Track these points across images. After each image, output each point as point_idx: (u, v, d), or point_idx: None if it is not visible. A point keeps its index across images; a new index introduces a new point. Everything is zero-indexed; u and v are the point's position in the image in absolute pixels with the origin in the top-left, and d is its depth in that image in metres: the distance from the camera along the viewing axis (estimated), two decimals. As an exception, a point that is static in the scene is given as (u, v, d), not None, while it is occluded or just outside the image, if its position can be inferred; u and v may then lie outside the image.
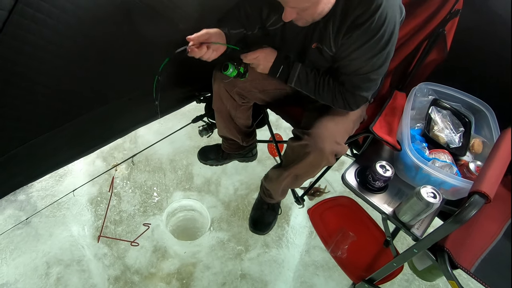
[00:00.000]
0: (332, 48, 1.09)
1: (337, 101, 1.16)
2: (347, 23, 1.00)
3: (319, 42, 1.10)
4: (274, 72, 1.17)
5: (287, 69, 1.16)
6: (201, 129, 1.78)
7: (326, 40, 1.07)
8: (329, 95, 1.16)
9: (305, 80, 1.16)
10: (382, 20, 0.96)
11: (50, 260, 1.57)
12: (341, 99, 1.15)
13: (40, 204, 1.73)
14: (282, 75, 1.17)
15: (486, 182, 0.88)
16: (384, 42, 1.01)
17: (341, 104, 1.16)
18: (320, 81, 1.15)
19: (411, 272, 1.54)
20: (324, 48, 1.10)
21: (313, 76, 1.15)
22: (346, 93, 1.14)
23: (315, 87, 1.16)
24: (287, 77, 1.17)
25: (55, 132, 1.34)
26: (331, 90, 1.15)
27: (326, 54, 1.12)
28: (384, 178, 1.10)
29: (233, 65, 1.19)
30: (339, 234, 1.58)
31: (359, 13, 0.96)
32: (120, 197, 1.81)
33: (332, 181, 1.93)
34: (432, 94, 1.35)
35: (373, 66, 1.06)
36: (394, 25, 1.00)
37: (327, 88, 1.15)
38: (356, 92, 1.13)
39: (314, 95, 1.18)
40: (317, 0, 0.93)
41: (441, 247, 1.06)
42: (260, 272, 1.60)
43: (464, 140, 1.25)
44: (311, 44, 1.12)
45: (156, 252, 1.63)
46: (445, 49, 1.30)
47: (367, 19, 0.96)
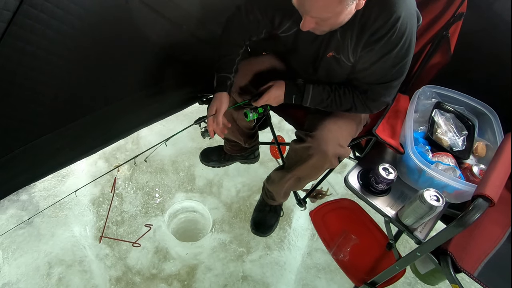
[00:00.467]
0: (350, 58, 1.09)
1: (357, 109, 1.17)
2: (366, 35, 0.99)
3: (336, 51, 1.10)
4: (288, 102, 1.21)
5: (300, 94, 1.18)
6: (203, 131, 1.77)
7: (344, 50, 1.07)
8: (347, 105, 1.17)
9: (320, 99, 1.17)
10: (402, 31, 0.96)
11: (52, 260, 1.57)
12: (361, 106, 1.16)
13: (42, 204, 1.74)
14: (296, 101, 1.20)
15: (490, 186, 0.88)
16: (405, 52, 1.01)
17: (362, 110, 1.18)
18: (336, 95, 1.16)
19: (414, 276, 1.54)
20: (342, 58, 1.10)
21: (327, 93, 1.17)
22: (367, 100, 1.14)
23: (332, 102, 1.17)
24: (301, 101, 1.19)
25: (57, 132, 1.34)
26: (349, 101, 1.16)
27: (344, 64, 1.12)
28: (387, 180, 1.10)
29: (250, 111, 1.28)
30: (341, 237, 1.57)
31: (379, 25, 0.96)
32: (122, 198, 1.81)
33: (334, 184, 1.93)
34: (435, 97, 1.34)
35: (395, 75, 1.07)
36: (413, 33, 1.00)
37: (344, 100, 1.16)
38: (379, 99, 1.13)
39: (332, 108, 1.19)
40: (339, 11, 0.90)
41: (444, 250, 1.05)
42: (261, 274, 1.60)
43: (467, 143, 1.24)
44: (327, 52, 1.12)
45: (157, 253, 1.63)
46: (449, 52, 1.30)
47: (388, 31, 0.95)
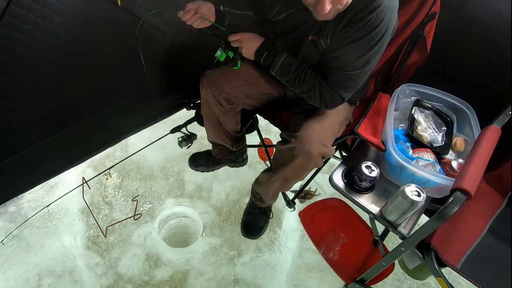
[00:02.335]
0: (327, 41, 1.10)
1: (314, 95, 1.16)
2: (347, 17, 1.01)
3: (317, 34, 1.12)
4: (258, 56, 1.17)
5: (272, 55, 1.15)
6: (180, 140, 1.79)
7: (324, 33, 1.09)
8: (308, 87, 1.15)
9: (287, 70, 1.16)
10: (380, 19, 0.98)
11: (41, 271, 1.56)
12: (318, 93, 1.15)
13: (31, 215, 1.72)
14: (266, 60, 1.16)
15: (467, 179, 0.90)
16: (375, 42, 1.03)
17: (317, 99, 1.17)
18: (302, 72, 1.15)
19: (403, 272, 1.56)
20: (320, 41, 1.11)
21: (295, 67, 1.15)
22: (325, 88, 1.14)
23: (296, 77, 1.15)
24: (270, 63, 1.16)
25: (45, 142, 1.34)
26: (311, 83, 1.15)
27: (320, 47, 1.13)
28: (370, 178, 1.12)
29: (222, 49, 1.19)
30: (331, 236, 1.59)
31: (360, 8, 0.98)
32: (112, 206, 1.81)
33: (322, 184, 1.95)
34: (414, 95, 1.38)
35: (358, 65, 1.08)
36: (387, 28, 1.02)
37: (307, 80, 1.15)
38: (335, 89, 1.14)
39: (293, 85, 1.18)
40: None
41: (427, 244, 1.07)
42: (253, 276, 1.61)
43: (446, 139, 1.28)
44: (308, 36, 1.14)
45: (148, 260, 1.63)
46: (425, 51, 1.33)
47: (367, 14, 0.98)
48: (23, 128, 1.24)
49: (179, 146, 1.78)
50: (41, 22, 0.99)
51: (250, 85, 1.36)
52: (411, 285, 1.63)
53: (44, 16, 0.98)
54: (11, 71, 1.04)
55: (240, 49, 1.18)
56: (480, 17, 1.27)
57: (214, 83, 1.32)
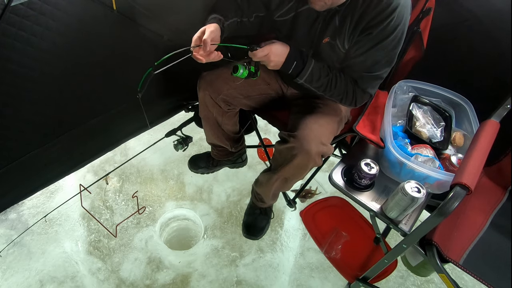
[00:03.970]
0: (345, 45, 1.08)
1: (347, 99, 1.15)
2: (365, 20, 1.00)
3: (332, 37, 1.09)
4: (287, 67, 1.09)
5: (302, 64, 1.09)
6: (176, 143, 1.79)
7: (341, 35, 1.07)
8: (340, 91, 1.13)
9: (318, 76, 1.11)
10: (399, 20, 0.99)
11: (43, 278, 1.55)
12: (351, 96, 1.14)
13: (32, 222, 1.72)
14: (295, 70, 1.10)
15: (467, 174, 0.90)
16: (397, 41, 1.03)
17: (349, 101, 1.16)
18: (334, 77, 1.12)
19: (406, 269, 1.56)
20: (337, 43, 1.09)
21: (326, 72, 1.11)
22: (357, 90, 1.14)
23: (328, 82, 1.12)
24: (299, 72, 1.10)
25: (44, 148, 1.34)
26: (343, 87, 1.12)
27: (339, 51, 1.11)
28: (369, 175, 1.12)
29: (243, 66, 1.11)
30: (332, 235, 1.59)
31: (378, 11, 0.97)
32: (113, 210, 1.81)
33: (322, 182, 1.95)
34: (412, 91, 1.38)
35: (386, 64, 1.08)
36: (406, 24, 1.03)
37: (339, 84, 1.12)
38: (367, 90, 1.14)
39: (324, 90, 1.13)
40: None
41: (429, 241, 1.07)
42: (255, 277, 1.60)
43: (445, 134, 1.28)
44: (323, 38, 1.11)
45: (150, 263, 1.62)
46: (422, 47, 1.34)
47: (386, 18, 0.97)
48: (22, 135, 1.24)
49: (175, 150, 1.78)
50: (37, 29, 0.99)
51: (247, 86, 1.36)
52: (415, 282, 1.62)
53: (40, 22, 0.98)
54: (8, 78, 1.04)
55: (267, 63, 1.09)
56: (475, 11, 1.27)
57: (211, 85, 1.32)
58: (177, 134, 1.82)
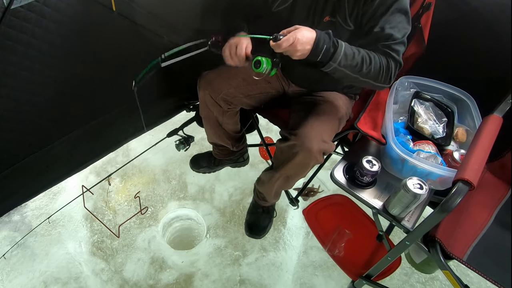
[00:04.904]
0: (347, 21, 1.04)
1: (384, 73, 1.01)
2: None
3: (332, 15, 1.05)
4: (315, 55, 0.97)
5: (333, 46, 0.97)
6: (177, 143, 1.80)
7: (341, 11, 1.03)
8: (377, 66, 1.00)
9: (352, 55, 0.98)
10: None
11: (47, 279, 1.56)
12: (387, 68, 1.01)
13: (35, 224, 1.73)
14: (325, 56, 0.97)
15: (469, 170, 0.90)
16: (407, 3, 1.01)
17: (386, 75, 1.02)
18: (365, 52, 0.99)
19: (410, 266, 1.55)
20: (339, 20, 1.05)
21: (357, 49, 0.99)
22: (391, 61, 1.01)
23: (362, 59, 0.98)
24: (331, 56, 0.97)
25: (45, 150, 1.35)
26: (378, 60, 1.00)
27: (341, 28, 1.07)
28: (371, 173, 1.11)
29: (266, 59, 1.02)
30: (335, 233, 1.59)
31: None
32: (115, 210, 1.81)
33: (325, 180, 1.94)
34: (413, 87, 1.37)
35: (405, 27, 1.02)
36: None
37: (374, 59, 1.00)
38: (398, 58, 1.02)
39: (360, 71, 1.00)
40: None
41: (432, 237, 1.07)
42: (259, 276, 1.60)
43: (447, 130, 1.27)
44: (323, 17, 1.07)
45: (153, 263, 1.63)
46: (423, 42, 1.32)
47: None
48: (24, 137, 1.25)
49: (177, 149, 1.78)
50: (38, 31, 0.99)
51: (247, 85, 1.36)
52: (419, 279, 1.62)
53: (40, 25, 0.99)
54: (9, 80, 1.04)
55: (292, 53, 0.97)
56: (476, 5, 1.26)
57: (211, 84, 1.32)
58: (178, 134, 1.82)
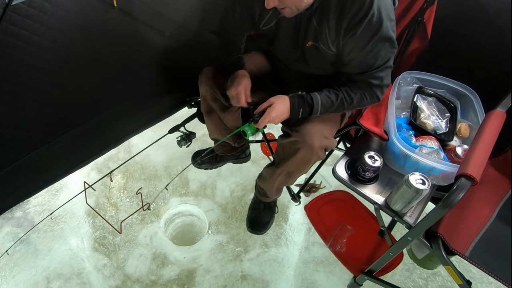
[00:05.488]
0: (330, 47, 1.07)
1: (367, 101, 1.11)
2: (345, 21, 0.98)
3: (315, 40, 1.09)
4: (295, 117, 1.12)
5: (308, 106, 1.10)
6: (179, 140, 1.79)
7: (323, 38, 1.06)
8: (358, 100, 1.10)
9: (330, 103, 1.10)
10: (380, 13, 0.96)
11: (50, 275, 1.57)
12: (370, 95, 1.10)
13: (37, 220, 1.74)
14: (304, 114, 1.12)
15: (472, 165, 0.89)
16: (390, 30, 1.01)
17: (371, 101, 1.12)
18: (344, 93, 1.10)
19: (412, 262, 1.55)
20: (321, 46, 1.08)
21: (335, 95, 1.10)
22: (374, 88, 1.09)
23: (342, 102, 1.10)
24: (310, 113, 1.11)
25: (47, 147, 1.35)
26: (359, 95, 1.10)
27: (325, 53, 1.10)
28: (373, 168, 1.11)
29: (250, 126, 1.25)
30: (337, 229, 1.59)
31: (356, 9, 0.95)
32: (117, 207, 1.82)
33: (327, 176, 1.94)
34: (416, 82, 1.36)
35: (388, 54, 1.04)
36: (389, 12, 1.01)
37: (354, 96, 1.10)
38: (382, 83, 1.09)
39: (343, 110, 1.13)
40: None
41: (434, 233, 1.06)
42: (260, 272, 1.60)
43: (450, 125, 1.26)
44: (306, 42, 1.11)
45: (155, 259, 1.63)
46: (426, 38, 1.31)
47: (365, 14, 0.95)
48: (26, 134, 1.25)
49: (179, 146, 1.78)
50: (39, 27, 0.99)
51: None
52: (421, 275, 1.62)
53: (41, 21, 0.98)
54: (11, 77, 1.04)
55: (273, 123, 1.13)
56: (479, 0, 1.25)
57: (212, 80, 1.31)
58: (180, 130, 1.82)
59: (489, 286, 1.58)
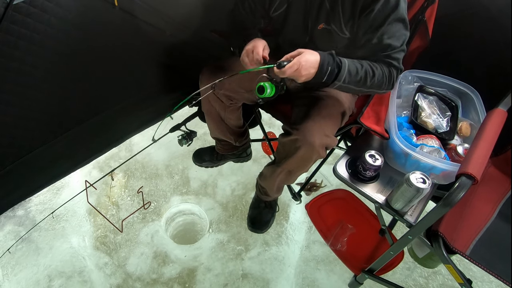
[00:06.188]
0: (343, 29, 1.04)
1: (385, 81, 1.04)
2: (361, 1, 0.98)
3: (326, 22, 1.06)
4: (319, 77, 0.99)
5: (337, 67, 0.98)
6: (180, 138, 1.80)
7: (335, 20, 1.03)
8: (379, 77, 1.02)
9: (355, 71, 1.00)
10: None
11: (51, 273, 1.57)
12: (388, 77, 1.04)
13: (39, 219, 1.74)
14: (330, 77, 0.99)
15: (472, 164, 0.89)
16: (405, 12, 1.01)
17: (388, 83, 1.05)
18: (367, 66, 1.01)
19: (413, 260, 1.55)
20: (334, 28, 1.06)
21: (360, 64, 1.01)
22: (392, 69, 1.04)
23: (365, 74, 1.00)
24: (335, 77, 0.99)
25: (48, 146, 1.35)
26: (380, 71, 1.02)
27: (337, 36, 1.08)
28: (374, 167, 1.11)
29: (270, 84, 1.03)
30: (338, 227, 1.59)
31: None
32: (119, 205, 1.82)
33: (328, 175, 1.94)
34: (417, 81, 1.36)
35: (402, 35, 1.03)
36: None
37: (375, 69, 1.02)
38: (399, 66, 1.05)
39: (364, 83, 1.02)
40: None
41: (435, 232, 1.06)
42: (261, 270, 1.61)
43: (451, 124, 1.26)
44: (317, 25, 1.08)
45: (156, 258, 1.64)
46: (427, 36, 1.31)
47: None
48: (27, 133, 1.25)
49: (179, 145, 1.78)
50: (40, 26, 0.99)
51: (249, 80, 1.35)
52: (422, 273, 1.61)
53: (42, 20, 0.98)
54: (12, 76, 1.04)
55: (297, 78, 0.98)
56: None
57: (212, 80, 1.31)
58: (181, 129, 1.82)
59: (490, 285, 1.58)
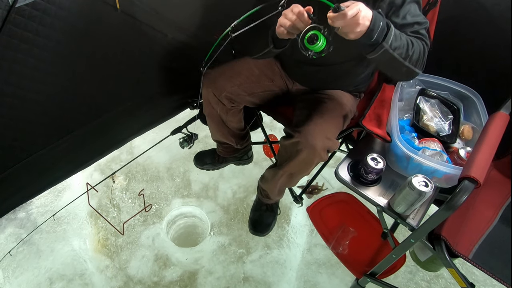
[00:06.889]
0: None
1: (421, 59, 0.99)
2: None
3: None
4: (370, 35, 0.86)
5: (386, 27, 0.88)
6: (181, 141, 1.80)
7: None
8: (417, 50, 0.96)
9: (399, 35, 0.91)
10: None
11: (52, 276, 1.57)
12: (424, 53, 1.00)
13: (40, 221, 1.74)
14: (379, 36, 0.87)
15: (475, 167, 0.89)
16: None
17: (422, 62, 1.01)
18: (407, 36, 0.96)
19: (415, 264, 1.54)
20: None
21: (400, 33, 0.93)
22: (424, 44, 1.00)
23: (406, 41, 0.93)
24: (384, 37, 0.88)
25: (50, 148, 1.36)
26: (415, 43, 0.97)
27: None
28: (376, 170, 1.11)
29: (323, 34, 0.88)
30: (340, 230, 1.58)
31: None
32: (120, 208, 1.82)
33: (329, 178, 1.93)
34: (419, 84, 1.35)
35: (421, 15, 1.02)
36: None
37: (415, 42, 0.97)
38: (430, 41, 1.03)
39: (407, 52, 0.94)
40: None
41: (437, 235, 1.06)
42: (262, 274, 1.60)
43: (453, 127, 1.25)
44: None
45: (157, 260, 1.64)
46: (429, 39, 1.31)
47: None
48: (29, 135, 1.25)
49: (181, 147, 1.78)
50: (42, 29, 0.99)
51: (251, 83, 1.35)
52: (424, 277, 1.61)
53: (45, 23, 0.99)
54: (14, 79, 1.05)
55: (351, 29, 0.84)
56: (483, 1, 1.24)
57: (214, 82, 1.31)
58: (182, 131, 1.82)
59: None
